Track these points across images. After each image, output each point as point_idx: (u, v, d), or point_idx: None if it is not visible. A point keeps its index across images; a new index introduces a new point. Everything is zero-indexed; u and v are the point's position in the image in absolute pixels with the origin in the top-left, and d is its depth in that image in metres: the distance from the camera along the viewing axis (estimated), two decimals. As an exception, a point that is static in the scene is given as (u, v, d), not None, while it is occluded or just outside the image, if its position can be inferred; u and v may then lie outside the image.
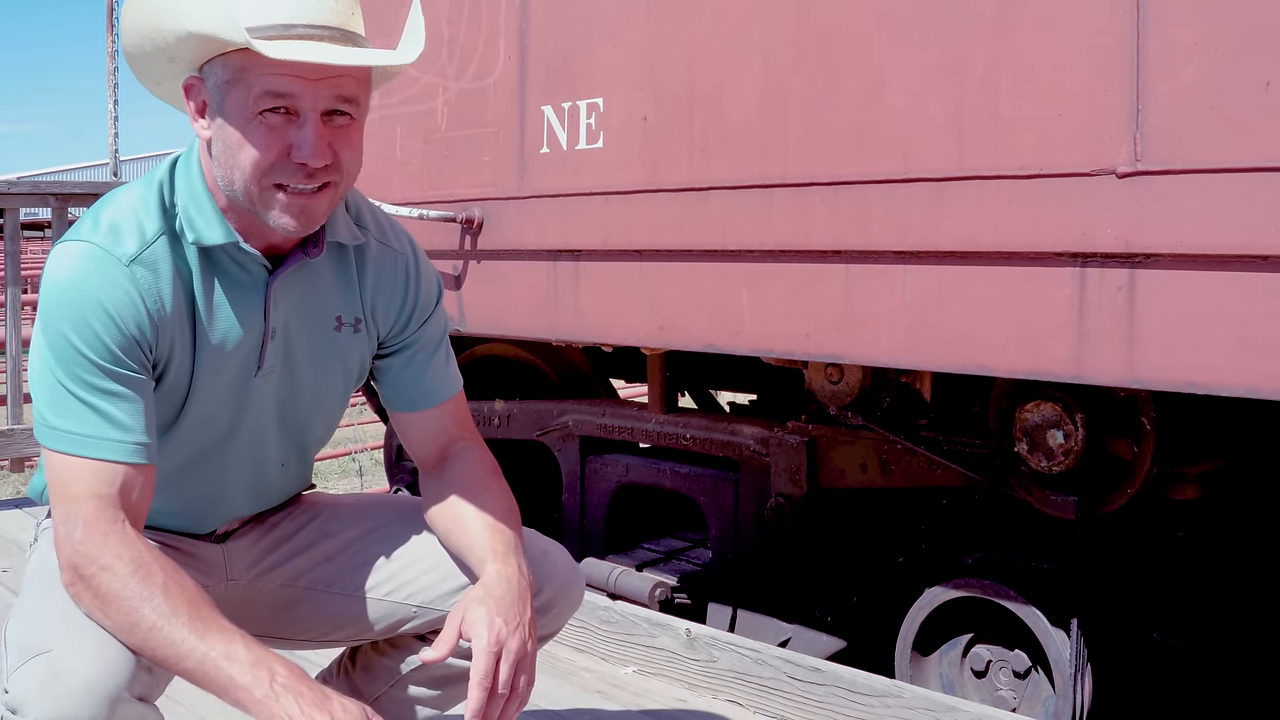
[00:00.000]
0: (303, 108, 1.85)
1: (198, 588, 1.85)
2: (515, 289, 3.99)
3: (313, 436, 2.25)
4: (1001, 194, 2.73)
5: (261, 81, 1.82)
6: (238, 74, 1.84)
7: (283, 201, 1.88)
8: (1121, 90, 2.55)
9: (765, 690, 3.21)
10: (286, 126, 1.85)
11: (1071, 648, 3.18)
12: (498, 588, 1.98)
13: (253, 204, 1.89)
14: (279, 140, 1.85)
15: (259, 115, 1.84)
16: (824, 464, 3.84)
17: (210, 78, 1.88)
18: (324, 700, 1.75)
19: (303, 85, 1.83)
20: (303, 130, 1.85)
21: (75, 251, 1.89)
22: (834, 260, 3.06)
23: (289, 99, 1.83)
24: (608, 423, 4.53)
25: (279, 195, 1.88)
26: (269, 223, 1.90)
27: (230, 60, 1.84)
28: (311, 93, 1.84)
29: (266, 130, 1.85)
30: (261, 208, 1.89)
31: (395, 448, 5.46)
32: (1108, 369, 2.62)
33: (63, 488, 1.86)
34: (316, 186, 1.89)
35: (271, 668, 1.77)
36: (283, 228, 1.90)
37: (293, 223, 1.90)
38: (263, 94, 1.83)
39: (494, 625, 1.92)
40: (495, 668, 1.90)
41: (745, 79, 3.24)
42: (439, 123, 4.19)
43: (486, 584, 1.99)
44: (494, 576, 2.00)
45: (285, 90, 1.83)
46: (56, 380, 1.85)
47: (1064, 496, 3.23)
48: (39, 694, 1.74)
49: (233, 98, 1.85)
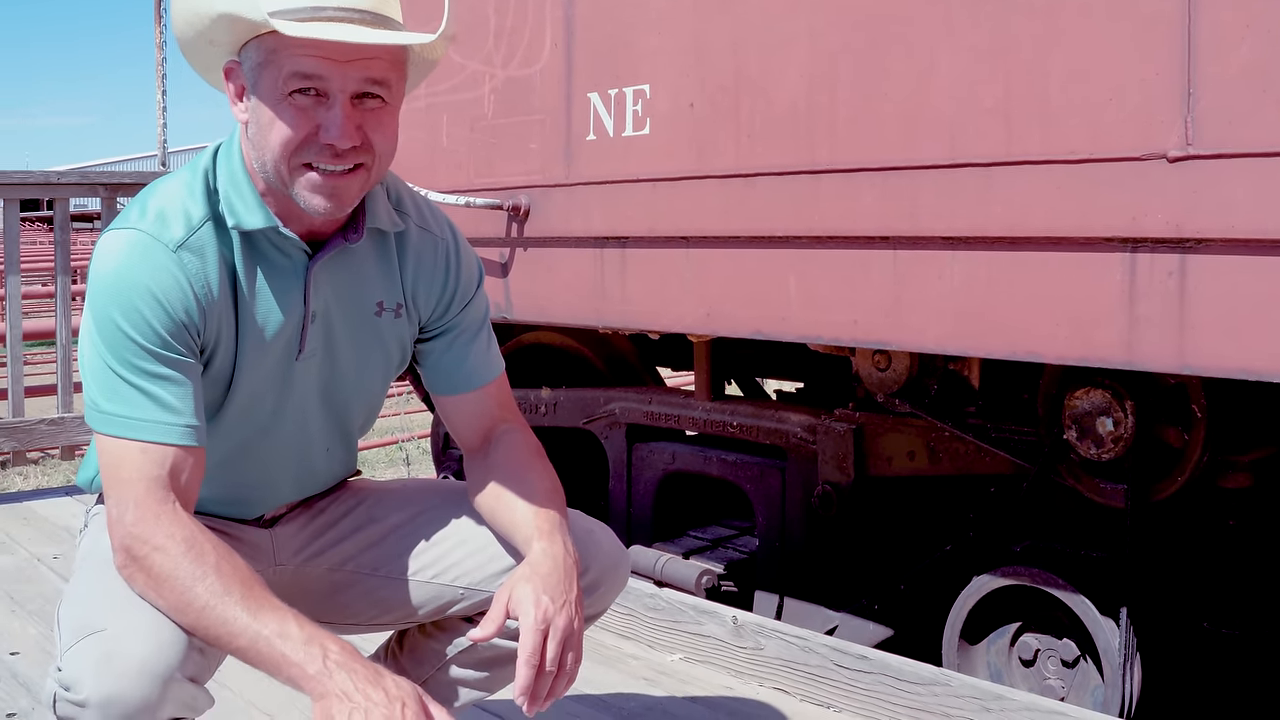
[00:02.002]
0: (331, 89, 1.86)
1: (249, 567, 1.86)
2: (562, 276, 3.99)
3: (356, 421, 2.26)
4: (1051, 179, 2.71)
5: (291, 63, 1.84)
6: (269, 55, 1.86)
7: (313, 181, 1.89)
8: (1172, 73, 2.53)
9: (812, 678, 3.20)
10: (315, 108, 1.86)
11: (1121, 637, 3.16)
12: (544, 566, 1.98)
13: (283, 184, 1.90)
14: (308, 121, 1.86)
15: (288, 96, 1.86)
16: (871, 451, 3.82)
17: (246, 60, 1.90)
18: (377, 677, 1.76)
19: (331, 66, 1.84)
20: (330, 111, 1.86)
21: (123, 238, 1.90)
22: (882, 246, 3.05)
23: (317, 80, 1.85)
24: (654, 410, 4.53)
25: (308, 175, 1.89)
26: (299, 203, 1.91)
27: (263, 42, 1.86)
28: (340, 74, 1.85)
29: (295, 111, 1.86)
30: (292, 188, 1.90)
31: (442, 436, 5.47)
32: (1158, 355, 2.60)
33: (114, 471, 1.87)
34: (347, 168, 1.89)
35: (324, 645, 1.78)
36: (313, 209, 1.91)
37: (323, 203, 1.91)
38: (291, 75, 1.84)
39: (541, 603, 1.92)
40: (543, 645, 1.91)
41: (792, 64, 3.23)
42: (485, 110, 4.19)
43: (533, 562, 1.99)
44: (540, 555, 2.00)
45: (313, 71, 1.84)
46: (106, 365, 1.87)
47: (1113, 484, 3.21)
48: (93, 673, 1.75)
49: (265, 79, 1.87)
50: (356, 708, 1.72)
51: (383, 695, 1.74)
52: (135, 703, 1.75)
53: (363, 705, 1.72)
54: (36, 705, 3.10)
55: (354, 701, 1.72)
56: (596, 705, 3.15)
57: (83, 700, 1.75)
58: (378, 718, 1.71)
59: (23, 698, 3.17)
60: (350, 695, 1.73)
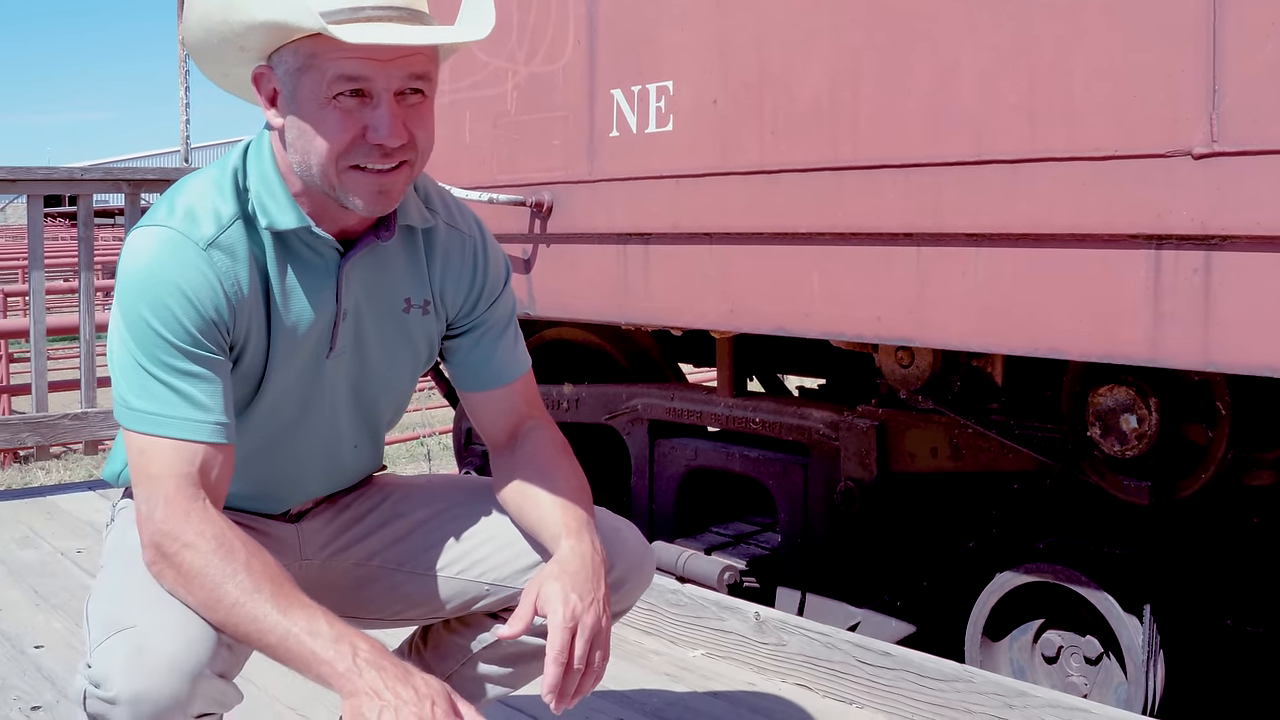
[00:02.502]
0: (376, 89, 1.84)
1: (279, 565, 1.86)
2: (585, 272, 4.00)
3: (384, 417, 2.26)
4: (1075, 176, 2.71)
5: (335, 66, 1.82)
6: (309, 60, 1.84)
7: (362, 183, 1.88)
8: (1197, 70, 2.52)
9: (834, 674, 3.20)
10: (361, 109, 1.85)
11: (1144, 634, 3.15)
12: (572, 563, 1.98)
13: (331, 188, 1.90)
14: (354, 123, 1.85)
15: (333, 99, 1.84)
16: (894, 448, 3.82)
17: (280, 66, 1.88)
18: (406, 675, 1.77)
19: (376, 67, 1.83)
20: (378, 111, 1.85)
21: (153, 236, 1.90)
22: (905, 243, 3.05)
23: (363, 81, 1.84)
24: (676, 406, 4.54)
25: (357, 177, 1.88)
26: (348, 205, 1.91)
27: (300, 46, 1.84)
28: (384, 74, 1.84)
29: (341, 114, 1.85)
30: (341, 191, 1.89)
31: (464, 431, 5.48)
32: (1183, 352, 2.60)
33: (144, 468, 1.87)
34: (393, 165, 1.89)
35: (354, 643, 1.78)
36: (363, 208, 1.91)
37: (373, 203, 1.91)
38: (336, 78, 1.83)
39: (569, 601, 1.92)
40: (571, 643, 1.91)
41: (815, 60, 3.23)
42: (508, 107, 4.20)
43: (561, 560, 2.00)
44: (568, 552, 2.00)
45: (359, 73, 1.83)
46: (136, 362, 1.87)
47: (1137, 481, 3.21)
48: (123, 669, 1.76)
49: (305, 84, 1.85)
50: (387, 706, 1.72)
51: (412, 693, 1.74)
52: (165, 699, 1.76)
53: (393, 703, 1.72)
54: (61, 699, 3.11)
55: (384, 700, 1.73)
56: (619, 701, 3.15)
57: (113, 697, 1.76)
58: (408, 715, 1.72)
59: (48, 691, 3.19)
60: (380, 693, 1.73)
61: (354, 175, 1.88)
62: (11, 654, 3.46)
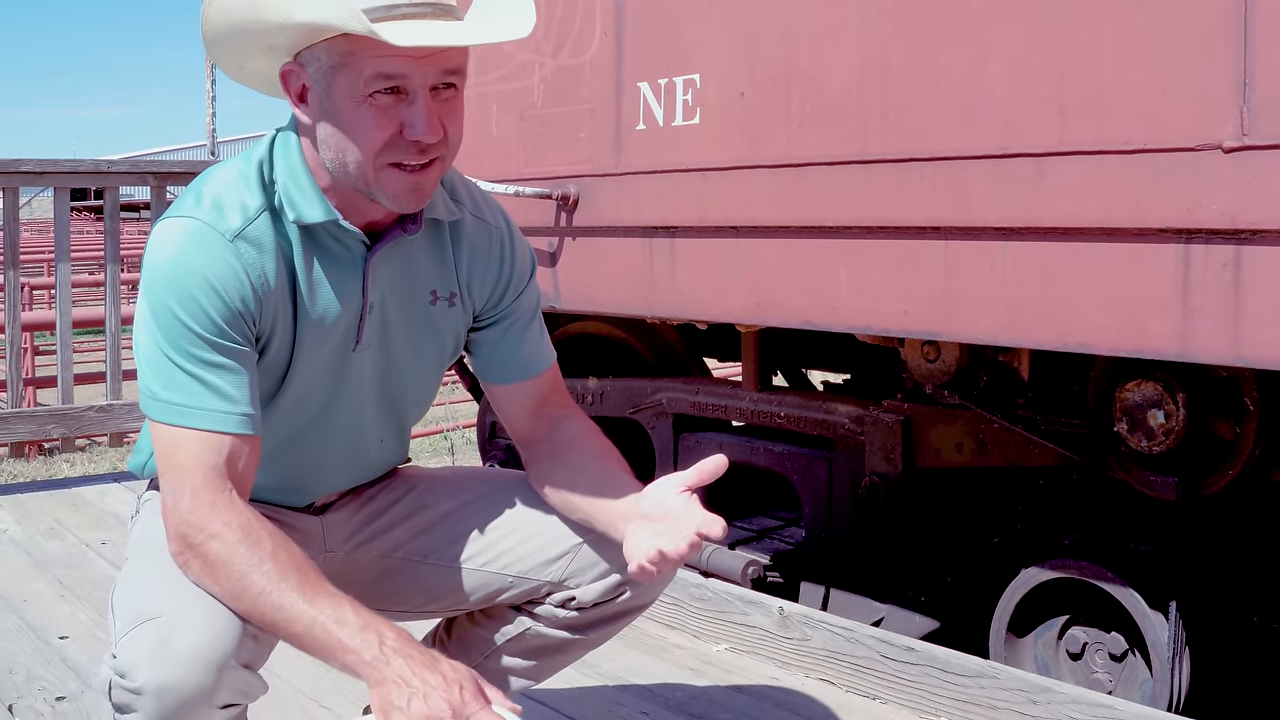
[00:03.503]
0: (412, 86, 1.84)
1: (304, 554, 1.87)
2: (611, 266, 3.99)
3: (410, 411, 2.26)
4: (1105, 169, 2.69)
5: (371, 64, 1.82)
6: (344, 58, 1.83)
7: (397, 178, 1.88)
8: (1227, 63, 2.50)
9: (858, 669, 3.20)
10: (397, 105, 1.85)
11: (1170, 631, 3.14)
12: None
13: (366, 185, 1.89)
14: (391, 120, 1.85)
15: (369, 97, 1.84)
16: (919, 443, 3.81)
17: (312, 64, 1.87)
18: (433, 662, 1.77)
19: (413, 64, 1.82)
20: (414, 108, 1.85)
21: (180, 227, 1.90)
22: (933, 237, 3.03)
23: (400, 79, 1.83)
24: (701, 400, 4.53)
25: (394, 173, 1.88)
26: (382, 201, 1.91)
27: (335, 45, 1.83)
28: (421, 70, 1.83)
29: (377, 112, 1.84)
30: (375, 187, 1.89)
31: (489, 425, 5.48)
32: (1212, 347, 2.58)
33: (170, 459, 1.88)
34: (427, 161, 1.89)
35: (380, 631, 1.78)
36: (396, 205, 1.92)
37: (406, 199, 1.91)
38: (374, 76, 1.82)
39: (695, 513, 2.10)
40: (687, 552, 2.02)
41: (843, 53, 3.22)
42: (535, 100, 4.20)
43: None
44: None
45: (397, 71, 1.82)
46: (162, 353, 1.87)
47: (1164, 477, 3.19)
48: (149, 659, 1.76)
49: (340, 82, 1.85)
50: (415, 693, 1.72)
51: (440, 679, 1.74)
52: (190, 689, 1.76)
53: (421, 690, 1.72)
54: (86, 689, 3.12)
55: (412, 687, 1.73)
56: (642, 695, 3.15)
57: (138, 687, 1.76)
58: (436, 701, 1.72)
59: (72, 681, 3.20)
60: (408, 680, 1.73)
61: (390, 172, 1.88)
62: (37, 644, 3.47)
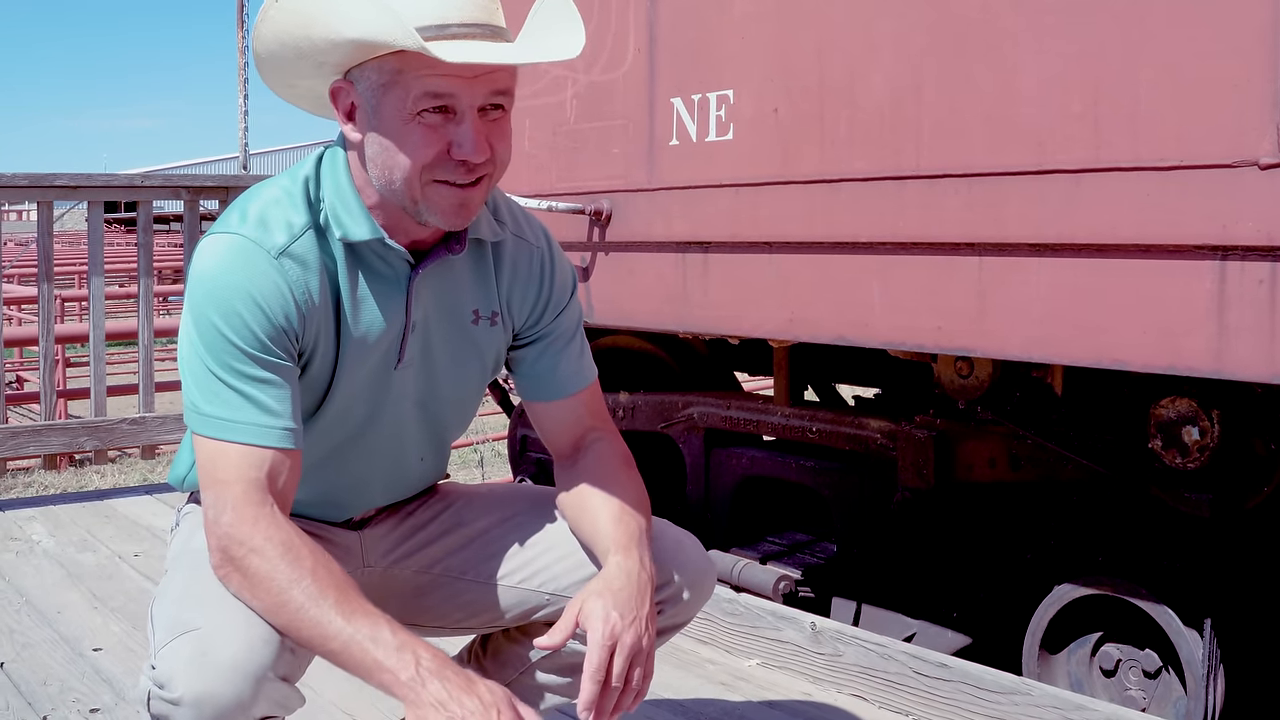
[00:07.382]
0: (461, 105, 1.85)
1: (344, 572, 1.87)
2: (643, 280, 4.00)
3: (450, 429, 2.27)
4: (1140, 186, 2.69)
5: (420, 83, 1.83)
6: (394, 76, 1.84)
7: (445, 196, 1.89)
8: (1263, 80, 2.50)
9: (891, 685, 3.19)
10: (445, 125, 1.86)
11: (1204, 648, 3.13)
12: (616, 580, 1.98)
13: (414, 203, 1.90)
14: (439, 139, 1.86)
15: (417, 115, 1.85)
16: (951, 458, 3.80)
17: (362, 81, 1.88)
18: (469, 684, 1.77)
19: (462, 84, 1.83)
20: (462, 127, 1.86)
21: (225, 243, 1.92)
22: (967, 253, 3.03)
23: (449, 98, 1.84)
24: (733, 415, 4.53)
25: (441, 190, 1.89)
26: (426, 219, 1.92)
27: (385, 63, 1.84)
28: (469, 90, 1.84)
29: (425, 130, 1.85)
30: (422, 205, 1.90)
31: (520, 439, 5.49)
32: (1248, 364, 2.58)
33: (212, 472, 1.89)
34: (474, 180, 1.90)
35: (417, 652, 1.79)
36: (442, 223, 1.93)
37: (452, 217, 1.92)
38: (422, 95, 1.83)
39: (609, 619, 1.92)
40: (609, 661, 1.91)
41: (877, 69, 3.22)
42: (568, 115, 4.21)
43: (606, 577, 2.00)
44: (614, 569, 2.00)
45: (446, 90, 1.83)
46: (206, 368, 1.88)
47: (1199, 494, 3.18)
48: (186, 670, 1.77)
49: (389, 100, 1.86)
50: (453, 717, 1.73)
51: (477, 703, 1.75)
52: (228, 701, 1.77)
53: (459, 715, 1.73)
54: (120, 701, 3.14)
55: (450, 711, 1.73)
56: (675, 710, 3.15)
57: (176, 698, 1.77)
58: None
59: (106, 693, 3.21)
60: (445, 704, 1.74)
61: (437, 189, 1.89)
62: (70, 656, 3.49)
